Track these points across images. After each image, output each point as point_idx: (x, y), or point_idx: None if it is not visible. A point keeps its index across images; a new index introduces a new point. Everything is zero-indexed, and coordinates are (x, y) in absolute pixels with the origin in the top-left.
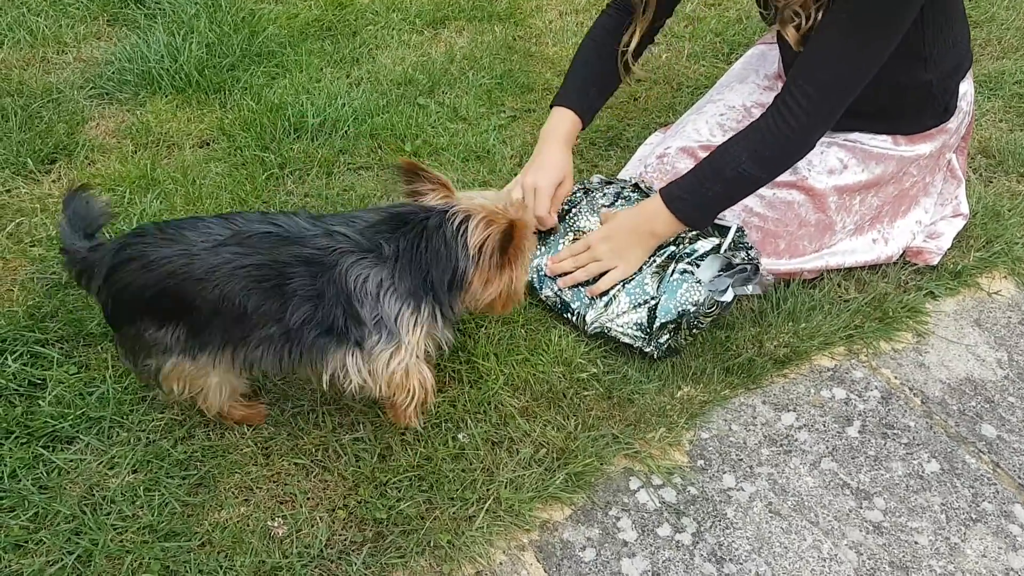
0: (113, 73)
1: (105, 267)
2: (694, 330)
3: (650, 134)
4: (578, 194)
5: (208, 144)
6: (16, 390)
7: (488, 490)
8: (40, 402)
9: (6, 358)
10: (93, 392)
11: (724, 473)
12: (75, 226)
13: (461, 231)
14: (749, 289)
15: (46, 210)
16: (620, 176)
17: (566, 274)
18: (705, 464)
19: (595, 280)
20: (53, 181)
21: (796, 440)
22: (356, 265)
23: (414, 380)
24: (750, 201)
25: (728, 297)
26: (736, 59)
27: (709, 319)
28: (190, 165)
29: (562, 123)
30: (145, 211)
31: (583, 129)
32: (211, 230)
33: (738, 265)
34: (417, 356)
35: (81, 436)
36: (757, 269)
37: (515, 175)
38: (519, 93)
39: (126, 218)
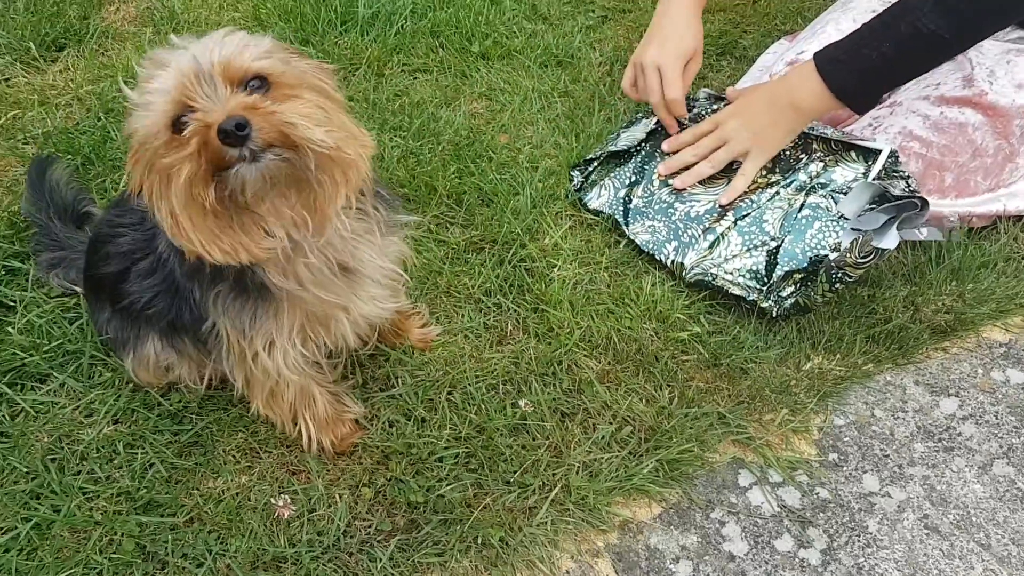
0: None
1: None
2: (836, 285)
3: (772, 43)
4: None
5: None
6: None
7: (554, 475)
8: (9, 328)
9: None
10: (74, 320)
11: (865, 473)
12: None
13: None
14: (923, 233)
15: (46, 103)
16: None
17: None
18: (840, 459)
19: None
20: (59, 71)
21: (960, 434)
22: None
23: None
24: (910, 122)
25: (891, 243)
26: None
27: (861, 271)
28: None
29: None
30: None
31: None
32: None
33: (900, 198)
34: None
35: (55, 374)
36: (926, 203)
37: (602, 84)
38: None
39: None
